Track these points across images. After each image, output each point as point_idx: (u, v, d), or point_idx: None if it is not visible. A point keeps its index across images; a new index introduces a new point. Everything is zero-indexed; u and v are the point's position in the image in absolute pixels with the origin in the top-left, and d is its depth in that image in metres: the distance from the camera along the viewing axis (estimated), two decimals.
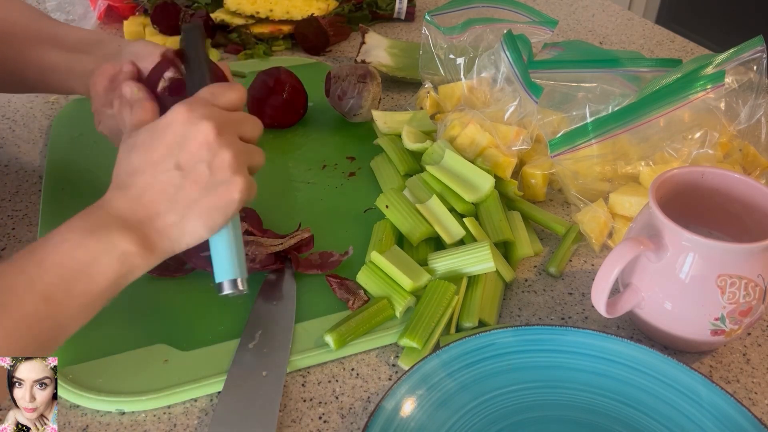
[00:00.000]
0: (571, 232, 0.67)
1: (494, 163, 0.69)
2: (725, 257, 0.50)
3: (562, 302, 0.61)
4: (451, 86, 0.82)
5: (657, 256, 0.52)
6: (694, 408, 0.50)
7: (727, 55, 0.69)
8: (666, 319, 0.54)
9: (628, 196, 0.65)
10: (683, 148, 0.65)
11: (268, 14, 1.02)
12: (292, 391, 0.53)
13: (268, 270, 0.61)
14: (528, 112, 0.72)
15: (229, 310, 0.58)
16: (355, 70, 0.81)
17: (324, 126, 0.84)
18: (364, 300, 0.59)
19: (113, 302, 0.58)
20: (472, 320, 0.57)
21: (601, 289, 0.52)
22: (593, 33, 1.13)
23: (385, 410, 0.48)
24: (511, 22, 0.87)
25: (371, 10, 1.12)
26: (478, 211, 0.66)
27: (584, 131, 0.64)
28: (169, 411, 0.51)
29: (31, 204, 0.71)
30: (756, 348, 0.58)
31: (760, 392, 0.54)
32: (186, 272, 0.61)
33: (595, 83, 0.73)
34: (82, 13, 1.09)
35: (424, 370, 0.51)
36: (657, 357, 0.52)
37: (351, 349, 0.56)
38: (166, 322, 0.57)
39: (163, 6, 1.01)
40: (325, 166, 0.77)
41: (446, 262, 0.60)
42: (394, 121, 0.78)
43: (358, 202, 0.71)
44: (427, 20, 0.86)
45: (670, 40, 1.11)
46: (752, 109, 0.69)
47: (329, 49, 1.04)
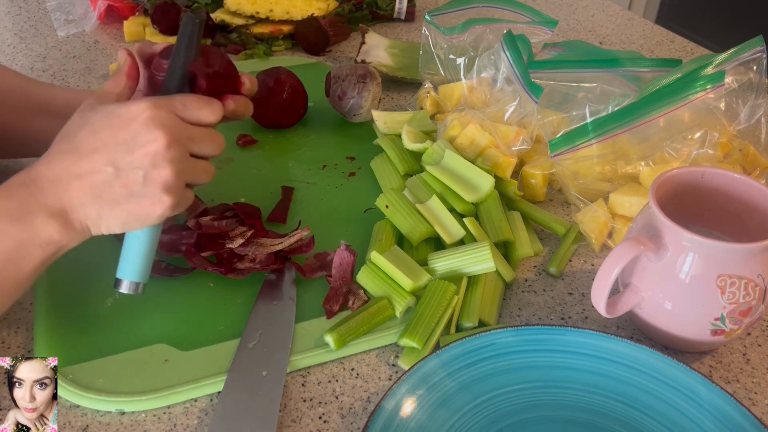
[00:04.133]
0: (571, 232, 0.67)
1: (494, 163, 0.69)
2: (725, 257, 0.50)
3: (562, 302, 0.61)
4: (451, 86, 0.82)
5: (657, 256, 0.52)
6: (694, 408, 0.50)
7: (727, 55, 0.69)
8: (666, 319, 0.54)
9: (628, 196, 0.65)
10: (683, 148, 0.65)
11: (268, 14, 1.02)
12: (292, 391, 0.53)
13: (268, 270, 0.61)
14: (528, 112, 0.72)
15: (229, 310, 0.58)
16: (355, 70, 0.81)
17: (324, 126, 0.84)
18: (364, 300, 0.59)
19: (113, 302, 0.58)
20: (472, 320, 0.57)
21: (601, 289, 0.52)
22: (593, 33, 1.13)
23: (385, 410, 0.48)
24: (511, 22, 0.87)
25: (371, 10, 1.12)
26: (478, 211, 0.66)
27: (584, 131, 0.64)
28: (169, 411, 0.51)
29: None
30: (756, 348, 0.58)
31: (760, 392, 0.54)
32: (186, 272, 0.61)
33: (595, 83, 0.73)
34: (82, 14, 1.09)
35: (424, 370, 0.51)
36: (657, 357, 0.52)
37: (351, 349, 0.56)
38: (166, 322, 0.57)
39: (163, 6, 1.01)
40: (325, 166, 0.77)
41: (446, 262, 0.60)
42: (394, 121, 0.78)
43: (358, 202, 0.71)
44: (427, 20, 0.86)
45: (670, 40, 1.11)
46: (752, 109, 0.69)
47: (329, 49, 1.04)
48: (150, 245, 0.54)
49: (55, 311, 0.57)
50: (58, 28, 1.07)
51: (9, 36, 1.06)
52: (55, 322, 0.56)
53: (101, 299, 0.59)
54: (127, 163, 0.49)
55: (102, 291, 0.59)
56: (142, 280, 0.55)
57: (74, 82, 0.94)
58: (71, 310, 0.57)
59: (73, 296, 0.59)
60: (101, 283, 0.59)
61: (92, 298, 0.59)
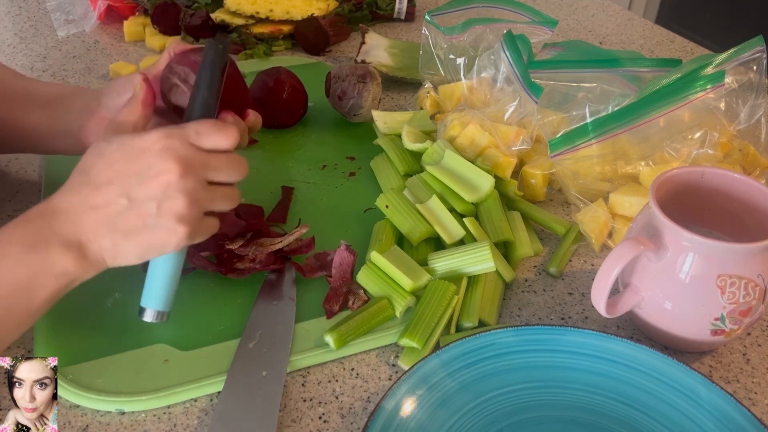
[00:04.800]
0: (571, 232, 0.67)
1: (494, 163, 0.69)
2: (725, 257, 0.50)
3: (562, 302, 0.61)
4: (451, 86, 0.82)
5: (657, 256, 0.52)
6: (694, 408, 0.50)
7: (727, 55, 0.69)
8: (666, 319, 0.54)
9: (628, 196, 0.65)
10: (683, 148, 0.65)
11: (268, 14, 1.02)
12: (292, 391, 0.53)
13: (268, 270, 0.61)
14: (528, 112, 0.72)
15: (229, 310, 0.58)
16: (355, 70, 0.81)
17: (324, 126, 0.84)
18: (364, 300, 0.59)
19: (113, 302, 0.58)
20: (472, 320, 0.57)
21: (601, 289, 0.52)
22: (593, 33, 1.13)
23: (385, 410, 0.48)
24: (511, 22, 0.87)
25: (371, 10, 1.12)
26: (478, 211, 0.66)
27: (584, 131, 0.64)
28: (169, 411, 0.51)
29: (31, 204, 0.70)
30: (756, 348, 0.58)
31: (760, 392, 0.54)
32: (186, 272, 0.61)
33: (595, 83, 0.73)
34: (82, 14, 1.09)
35: (424, 370, 0.51)
36: (657, 357, 0.52)
37: (351, 349, 0.56)
38: (166, 322, 0.57)
39: (163, 6, 1.01)
40: (325, 166, 0.77)
41: (446, 262, 0.60)
42: (394, 121, 0.78)
43: (358, 202, 0.71)
44: (427, 20, 0.86)
45: (670, 40, 1.11)
46: (752, 109, 0.69)
47: (329, 49, 1.04)
48: (173, 274, 0.53)
49: (55, 311, 0.57)
50: (58, 28, 1.07)
51: (9, 36, 1.06)
52: (55, 322, 0.56)
53: (101, 299, 0.59)
54: (141, 194, 0.48)
55: (102, 291, 0.59)
56: (166, 308, 0.54)
57: (74, 82, 0.94)
58: (71, 310, 0.57)
59: (73, 296, 0.58)
60: (101, 283, 0.59)
61: (92, 298, 0.59)
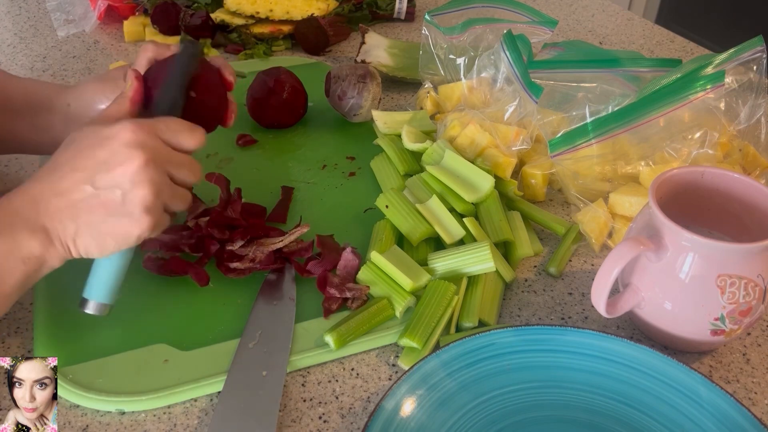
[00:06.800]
0: (571, 232, 0.67)
1: (494, 163, 0.69)
2: (725, 257, 0.50)
3: (562, 302, 0.61)
4: (451, 86, 0.82)
5: (657, 256, 0.52)
6: (694, 408, 0.50)
7: (727, 55, 0.69)
8: (666, 319, 0.54)
9: (628, 196, 0.65)
10: (683, 148, 0.65)
11: (268, 14, 1.02)
12: (292, 391, 0.53)
13: (268, 270, 0.61)
14: (528, 112, 0.72)
15: (229, 310, 0.58)
16: (355, 70, 0.81)
17: (324, 126, 0.84)
18: (364, 300, 0.59)
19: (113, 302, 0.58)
20: (472, 320, 0.57)
21: (601, 289, 0.52)
22: (593, 33, 1.13)
23: (385, 410, 0.48)
24: (511, 22, 0.87)
25: (371, 10, 1.12)
26: (478, 211, 0.66)
27: (584, 131, 0.64)
28: (169, 411, 0.51)
29: None
30: (756, 348, 0.58)
31: (760, 392, 0.54)
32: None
33: (595, 83, 0.73)
34: (82, 14, 1.09)
35: (424, 370, 0.51)
36: (657, 357, 0.52)
37: (351, 349, 0.56)
38: (166, 322, 0.57)
39: (163, 6, 1.01)
40: (325, 166, 0.77)
41: (446, 262, 0.60)
42: (394, 121, 0.78)
43: (358, 202, 0.71)
44: (427, 20, 0.86)
45: (670, 40, 1.11)
46: (752, 109, 0.69)
47: (329, 49, 1.04)
48: (122, 268, 0.53)
49: (55, 311, 0.57)
50: (58, 28, 1.07)
51: (9, 36, 1.06)
52: (55, 322, 0.56)
53: None
54: (105, 181, 0.48)
55: None
56: (109, 301, 0.53)
57: (74, 82, 0.94)
58: (71, 310, 0.57)
59: (73, 296, 0.58)
60: None
61: None
